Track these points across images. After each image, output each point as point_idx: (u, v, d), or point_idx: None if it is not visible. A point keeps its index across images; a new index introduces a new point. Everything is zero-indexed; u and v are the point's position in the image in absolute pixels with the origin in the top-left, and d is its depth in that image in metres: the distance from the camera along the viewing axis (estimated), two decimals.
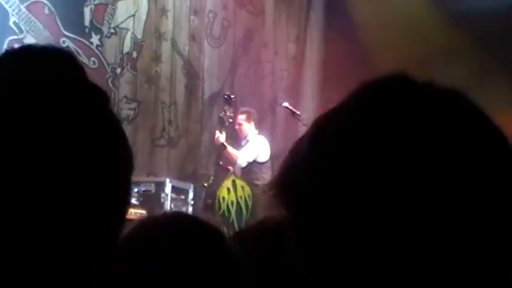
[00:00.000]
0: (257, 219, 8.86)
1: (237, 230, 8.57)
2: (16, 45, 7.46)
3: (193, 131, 11.13)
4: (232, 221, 8.95)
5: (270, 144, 11.82)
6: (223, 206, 9.03)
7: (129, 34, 10.41)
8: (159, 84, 10.71)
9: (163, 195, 9.34)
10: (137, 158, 10.30)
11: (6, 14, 9.41)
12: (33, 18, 9.58)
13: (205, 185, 9.49)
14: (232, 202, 9.05)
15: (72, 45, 9.88)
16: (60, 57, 1.07)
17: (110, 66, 10.23)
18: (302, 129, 10.88)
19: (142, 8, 10.55)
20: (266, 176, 9.37)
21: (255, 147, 9.65)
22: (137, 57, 10.48)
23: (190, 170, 10.95)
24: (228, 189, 9.18)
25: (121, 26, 10.35)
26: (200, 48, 11.20)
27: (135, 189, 9.11)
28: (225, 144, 9.47)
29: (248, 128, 9.71)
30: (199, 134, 11.17)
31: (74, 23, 9.94)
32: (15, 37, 9.45)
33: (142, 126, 10.51)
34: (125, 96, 10.33)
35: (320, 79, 12.17)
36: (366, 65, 11.41)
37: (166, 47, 10.80)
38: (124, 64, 10.35)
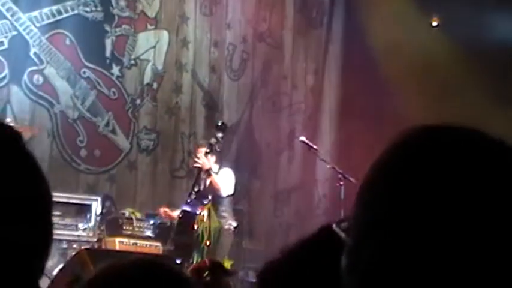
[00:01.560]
0: (219, 254, 8.27)
1: (205, 258, 8.31)
2: (36, 76, 7.53)
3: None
4: (202, 248, 8.43)
5: (287, 177, 11.84)
6: (200, 230, 8.46)
7: (149, 65, 10.47)
8: (179, 115, 10.75)
9: None
10: (156, 189, 10.39)
11: (26, 45, 9.51)
12: (53, 49, 9.67)
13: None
14: (206, 229, 8.44)
15: (92, 76, 9.96)
16: None
17: (130, 97, 10.29)
18: (319, 164, 10.94)
19: (163, 40, 10.62)
20: (229, 210, 8.90)
21: (230, 180, 9.01)
22: (157, 88, 10.54)
23: None
24: (208, 214, 8.60)
25: (142, 57, 10.42)
26: (220, 80, 11.25)
27: (151, 222, 9.12)
28: (213, 171, 8.80)
29: (211, 161, 8.87)
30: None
31: (95, 54, 10.03)
32: (35, 68, 9.54)
33: (162, 157, 10.53)
34: (145, 127, 10.38)
35: (338, 112, 12.17)
36: (384, 98, 11.45)
37: (186, 78, 10.85)
38: (144, 95, 10.41)
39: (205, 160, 8.69)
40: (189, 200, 8.68)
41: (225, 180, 8.89)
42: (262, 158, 11.56)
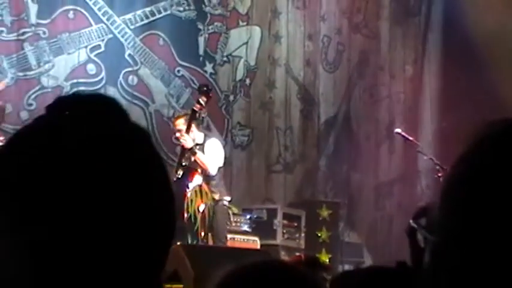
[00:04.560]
0: (215, 228, 8.03)
1: (200, 238, 8.05)
2: (131, 77, 7.55)
3: (309, 155, 11.12)
4: (197, 228, 8.09)
5: (388, 169, 11.67)
6: (191, 210, 8.09)
7: (242, 61, 10.55)
8: (273, 109, 10.79)
9: (275, 222, 9.40)
10: (252, 184, 10.47)
11: (121, 47, 9.74)
12: (147, 50, 9.87)
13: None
14: (198, 207, 8.11)
15: (186, 74, 10.12)
16: (104, 104, 1.10)
17: (223, 94, 10.40)
18: (419, 155, 10.74)
19: (255, 35, 10.68)
20: (221, 183, 8.43)
21: (216, 154, 8.33)
22: (250, 83, 10.61)
23: (308, 195, 10.94)
24: (196, 192, 8.18)
25: (234, 53, 10.51)
26: (315, 73, 11.22)
27: (248, 216, 9.18)
28: (195, 150, 8.08)
29: (194, 134, 8.23)
30: (316, 159, 11.14)
31: (189, 52, 10.19)
32: (130, 69, 9.75)
33: (257, 152, 10.59)
34: (239, 123, 10.46)
35: (439, 102, 11.91)
36: (486, 89, 11.10)
37: (280, 72, 10.87)
38: (237, 91, 10.50)
39: (187, 138, 8.07)
40: (174, 179, 7.93)
41: (210, 157, 8.24)
42: (362, 150, 11.45)
